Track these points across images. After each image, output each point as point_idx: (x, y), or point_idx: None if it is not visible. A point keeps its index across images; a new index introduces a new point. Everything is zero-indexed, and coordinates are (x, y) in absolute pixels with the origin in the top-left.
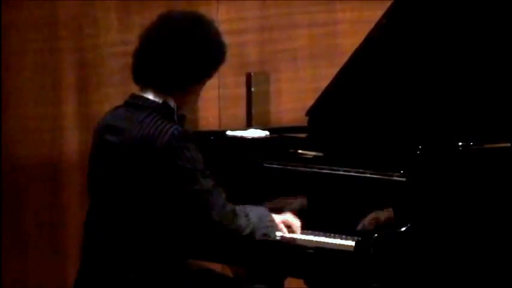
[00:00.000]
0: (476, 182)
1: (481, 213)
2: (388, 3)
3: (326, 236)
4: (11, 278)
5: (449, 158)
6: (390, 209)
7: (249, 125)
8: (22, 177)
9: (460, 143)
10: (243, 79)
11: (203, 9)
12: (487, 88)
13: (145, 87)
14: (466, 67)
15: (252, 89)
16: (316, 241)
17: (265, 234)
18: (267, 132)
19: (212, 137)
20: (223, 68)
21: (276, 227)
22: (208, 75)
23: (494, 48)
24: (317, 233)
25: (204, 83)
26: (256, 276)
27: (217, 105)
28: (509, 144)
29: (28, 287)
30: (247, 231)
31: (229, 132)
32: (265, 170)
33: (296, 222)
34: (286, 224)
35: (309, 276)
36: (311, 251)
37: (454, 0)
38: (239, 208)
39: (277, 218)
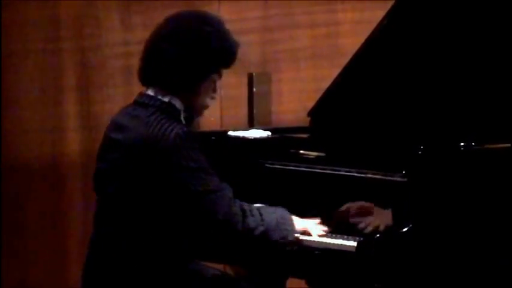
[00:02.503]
0: (478, 182)
1: (482, 213)
2: (390, 4)
3: (328, 237)
4: (11, 278)
5: (451, 159)
6: (392, 210)
7: (250, 125)
8: (23, 177)
9: (462, 144)
10: (245, 79)
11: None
12: (487, 88)
13: (150, 86)
14: (467, 67)
15: (254, 90)
16: (318, 241)
17: (283, 237)
18: (268, 133)
19: (214, 137)
20: None
21: (294, 232)
22: (209, 72)
23: (494, 49)
24: None
25: (209, 83)
26: (258, 277)
27: (218, 105)
28: (509, 145)
29: (28, 287)
30: (258, 232)
31: (230, 133)
32: (266, 170)
33: (318, 231)
34: (307, 232)
35: (311, 276)
36: (313, 251)
37: (455, 0)
38: (252, 207)
39: (299, 224)
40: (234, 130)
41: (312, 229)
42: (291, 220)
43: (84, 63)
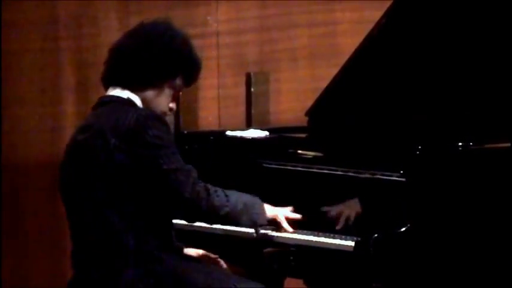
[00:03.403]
0: (476, 182)
1: (480, 213)
2: (388, 3)
3: (326, 236)
4: (11, 278)
5: (449, 158)
6: (390, 209)
7: (248, 125)
8: (22, 177)
9: (460, 143)
10: (243, 79)
11: (202, 9)
12: (487, 88)
13: (110, 86)
14: (466, 67)
15: (252, 89)
16: (316, 241)
17: (252, 221)
18: (266, 132)
19: (212, 137)
20: (223, 68)
21: (265, 217)
22: (166, 73)
23: (494, 48)
24: (317, 233)
25: (167, 87)
26: (255, 276)
27: (216, 105)
28: (509, 144)
29: (28, 286)
30: (224, 212)
31: (228, 132)
32: (264, 170)
33: (285, 225)
34: (276, 221)
35: (309, 276)
36: (310, 250)
37: (454, 0)
38: (217, 189)
39: (269, 211)
40: (232, 130)
41: (281, 219)
42: (261, 205)
43: (82, 63)
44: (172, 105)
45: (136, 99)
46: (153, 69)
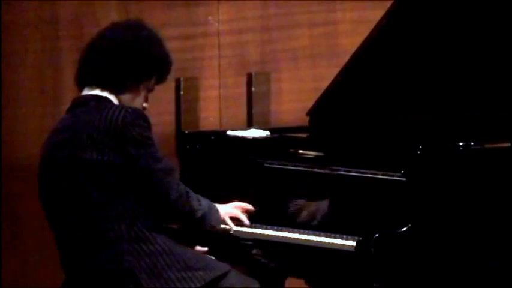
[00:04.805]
0: (477, 182)
1: (481, 213)
2: (389, 3)
3: (327, 236)
4: (11, 278)
5: (450, 158)
6: (391, 209)
7: (249, 125)
8: (22, 176)
9: (461, 143)
10: (244, 79)
11: (203, 9)
12: (487, 88)
13: (85, 86)
14: (466, 67)
15: (253, 89)
16: (317, 241)
17: (212, 226)
18: (267, 132)
19: (213, 137)
20: (224, 68)
21: (220, 219)
22: (140, 74)
23: (494, 48)
24: (318, 233)
25: (141, 88)
26: (256, 276)
27: (217, 105)
28: (509, 144)
29: (28, 285)
30: (199, 215)
31: (229, 132)
32: (265, 170)
33: (242, 217)
34: (234, 217)
35: (310, 276)
36: (311, 250)
37: (455, 0)
38: (191, 191)
39: (223, 210)
40: (233, 130)
41: (240, 215)
42: (217, 208)
43: None
44: (145, 104)
45: (114, 100)
46: (131, 73)
